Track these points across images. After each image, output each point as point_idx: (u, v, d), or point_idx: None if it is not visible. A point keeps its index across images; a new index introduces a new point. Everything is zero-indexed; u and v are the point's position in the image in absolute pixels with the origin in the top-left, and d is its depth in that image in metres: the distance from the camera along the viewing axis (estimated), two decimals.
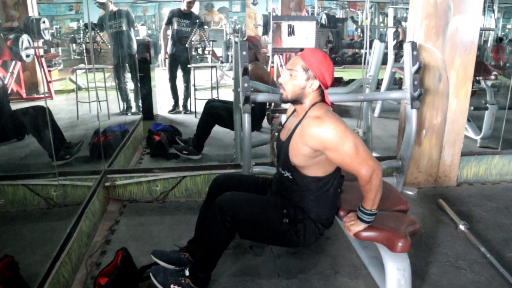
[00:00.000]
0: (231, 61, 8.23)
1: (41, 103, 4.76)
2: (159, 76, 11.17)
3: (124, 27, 5.27)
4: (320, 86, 1.85)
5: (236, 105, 3.27)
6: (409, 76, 2.79)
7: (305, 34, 2.92)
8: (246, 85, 2.60)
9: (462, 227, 2.68)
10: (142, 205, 3.16)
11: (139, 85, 5.45)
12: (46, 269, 1.91)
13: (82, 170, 3.17)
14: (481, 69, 5.50)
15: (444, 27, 3.04)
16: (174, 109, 6.25)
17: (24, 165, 3.15)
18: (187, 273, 2.01)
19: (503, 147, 3.88)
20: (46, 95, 5.19)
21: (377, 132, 5.06)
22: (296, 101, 1.89)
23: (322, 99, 1.89)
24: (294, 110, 2.02)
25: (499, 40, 8.04)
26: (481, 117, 4.49)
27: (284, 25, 2.90)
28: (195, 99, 5.92)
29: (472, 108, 4.49)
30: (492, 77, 5.41)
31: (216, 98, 4.75)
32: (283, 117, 3.07)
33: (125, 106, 5.33)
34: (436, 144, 3.31)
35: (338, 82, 6.21)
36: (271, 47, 3.26)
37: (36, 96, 5.04)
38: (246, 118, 2.63)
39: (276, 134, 2.14)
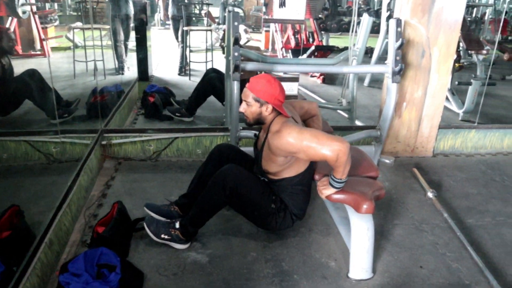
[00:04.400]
0: None
1: (37, 60, 4.89)
2: (155, 36, 11.19)
3: None
4: (273, 108, 2.10)
5: (227, 72, 3.42)
6: (392, 51, 2.94)
7: (295, 6, 3.04)
8: (236, 54, 2.74)
9: (430, 194, 2.92)
10: (136, 163, 3.36)
11: (130, 46, 5.49)
12: (49, 218, 2.12)
13: (80, 129, 3.34)
14: (474, 43, 5.62)
15: (430, 5, 3.16)
16: (182, 71, 6.33)
17: (26, 122, 3.30)
18: (177, 225, 2.24)
19: (483, 123, 4.08)
20: (39, 52, 5.27)
21: (365, 101, 5.24)
22: (258, 123, 2.17)
23: (279, 112, 2.14)
24: None
25: (502, 14, 8.00)
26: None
27: None
28: (189, 61, 6.02)
29: (456, 82, 4.67)
30: (484, 51, 5.53)
31: (212, 68, 4.86)
32: None
33: (119, 66, 5.39)
34: (416, 117, 3.50)
35: (330, 50, 6.30)
36: (263, 17, 3.38)
37: (32, 53, 5.12)
38: (235, 85, 2.79)
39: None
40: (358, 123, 4.08)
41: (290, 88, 3.24)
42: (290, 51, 6.77)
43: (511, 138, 3.87)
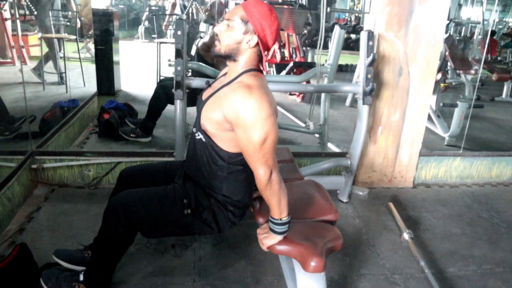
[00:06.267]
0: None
1: (7, 68, 4.50)
2: (137, 48, 10.84)
3: None
4: (258, 44, 1.57)
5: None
6: (363, 68, 2.56)
7: None
8: (179, 68, 2.34)
9: (406, 236, 2.49)
10: (72, 190, 2.92)
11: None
12: None
13: (6, 150, 2.90)
14: (462, 63, 5.30)
15: (408, 17, 2.79)
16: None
17: None
18: (81, 277, 1.80)
19: (470, 148, 3.71)
20: (9, 60, 4.91)
21: (344, 123, 4.86)
22: (229, 56, 1.60)
23: (258, 66, 1.64)
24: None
25: (491, 34, 7.77)
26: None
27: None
28: (159, 76, 5.63)
29: (441, 104, 4.31)
30: (473, 71, 5.21)
31: (166, 77, 4.47)
32: None
33: (58, 76, 4.91)
34: (393, 143, 3.10)
35: (310, 67, 5.92)
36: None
37: (1, 60, 4.75)
38: (178, 105, 2.39)
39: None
40: (332, 147, 3.67)
41: None
42: (274, 65, 6.40)
43: (500, 166, 3.48)
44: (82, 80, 5.23)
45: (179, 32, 2.35)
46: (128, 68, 6.68)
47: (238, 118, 1.48)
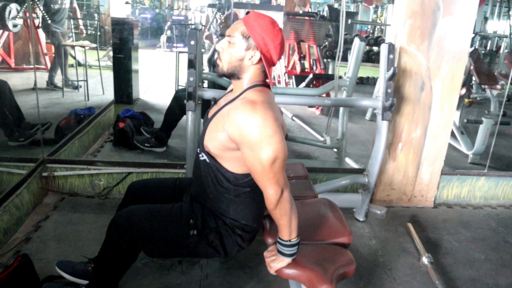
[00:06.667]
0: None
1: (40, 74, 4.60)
2: (158, 57, 10.95)
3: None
4: (261, 59, 1.49)
5: None
6: (383, 82, 2.45)
7: None
8: (191, 79, 2.28)
9: (425, 260, 2.35)
10: (82, 199, 2.87)
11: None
12: None
13: (18, 157, 2.88)
14: (487, 77, 5.11)
15: (431, 29, 2.68)
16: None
17: None
18: None
19: (495, 167, 3.53)
20: (42, 66, 5.02)
21: (364, 137, 4.73)
22: (232, 75, 1.52)
23: (265, 81, 1.55)
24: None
25: None
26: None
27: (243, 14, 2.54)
28: (178, 85, 5.61)
29: (465, 120, 4.15)
30: (499, 86, 5.03)
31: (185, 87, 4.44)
32: None
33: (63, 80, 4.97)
34: (414, 160, 2.97)
35: (330, 79, 5.82)
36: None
37: (25, 66, 4.84)
38: (190, 116, 2.32)
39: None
40: (351, 163, 3.55)
41: None
42: (293, 77, 6.32)
43: None
44: (101, 88, 5.27)
45: (192, 42, 2.29)
46: (147, 77, 6.72)
47: (243, 136, 1.40)
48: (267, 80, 1.56)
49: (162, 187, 1.87)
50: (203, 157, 1.59)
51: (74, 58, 5.39)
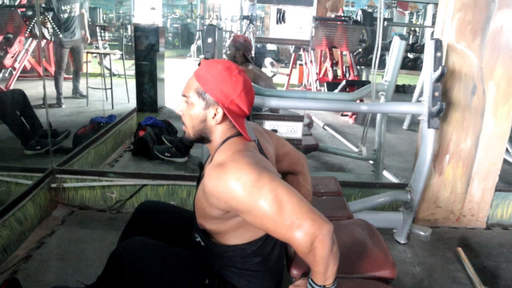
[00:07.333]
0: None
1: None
2: (187, 66, 10.87)
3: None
4: (225, 114, 1.22)
5: None
6: (429, 84, 2.11)
7: (298, 22, 2.27)
8: None
9: None
10: (92, 213, 2.66)
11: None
12: None
13: (23, 166, 2.69)
14: None
15: (484, 24, 2.32)
16: None
17: None
18: None
19: None
20: (70, 76, 5.04)
21: (402, 148, 4.35)
22: (202, 139, 1.29)
23: (238, 131, 1.27)
24: None
25: None
26: None
27: (273, 9, 2.27)
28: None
29: None
30: None
31: None
32: (266, 124, 2.47)
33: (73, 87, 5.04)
34: (463, 174, 2.59)
35: (363, 85, 5.47)
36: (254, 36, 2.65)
37: (65, 76, 4.95)
38: None
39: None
40: (389, 176, 3.19)
41: (292, 129, 2.44)
42: (325, 84, 6.01)
43: None
44: (126, 96, 5.15)
45: (209, 40, 2.03)
46: (175, 86, 6.57)
47: (230, 204, 1.14)
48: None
49: (175, 216, 1.60)
50: (198, 239, 1.36)
51: (107, 68, 5.35)
